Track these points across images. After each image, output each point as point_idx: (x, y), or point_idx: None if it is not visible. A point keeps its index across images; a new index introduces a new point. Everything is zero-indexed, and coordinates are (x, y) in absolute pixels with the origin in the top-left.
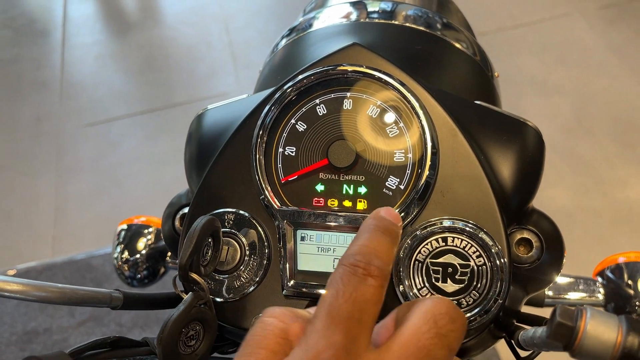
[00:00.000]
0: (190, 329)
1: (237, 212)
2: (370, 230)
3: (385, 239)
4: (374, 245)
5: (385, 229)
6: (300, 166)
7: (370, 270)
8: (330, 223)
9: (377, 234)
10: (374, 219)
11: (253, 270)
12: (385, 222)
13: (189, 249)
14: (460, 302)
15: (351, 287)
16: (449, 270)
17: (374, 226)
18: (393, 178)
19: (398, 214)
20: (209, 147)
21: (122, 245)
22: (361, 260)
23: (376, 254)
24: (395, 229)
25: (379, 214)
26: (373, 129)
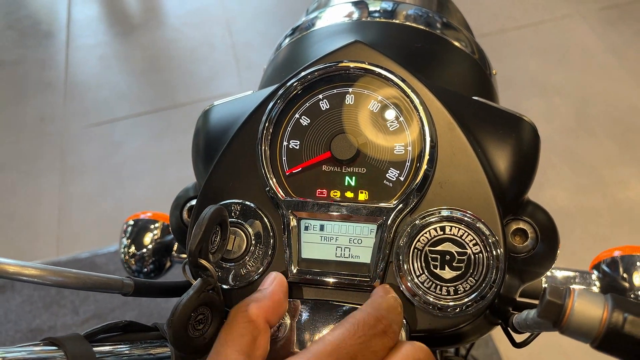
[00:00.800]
0: (199, 313)
1: (243, 203)
2: (392, 298)
3: (401, 312)
4: (396, 310)
5: (399, 305)
6: (304, 159)
7: (389, 329)
8: (333, 213)
9: (396, 303)
10: (394, 294)
11: (259, 259)
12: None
13: (199, 236)
14: (458, 288)
15: (369, 335)
16: (446, 257)
17: (395, 298)
18: (393, 170)
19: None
20: (215, 141)
21: (129, 240)
22: (386, 316)
23: (397, 320)
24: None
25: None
26: (374, 123)
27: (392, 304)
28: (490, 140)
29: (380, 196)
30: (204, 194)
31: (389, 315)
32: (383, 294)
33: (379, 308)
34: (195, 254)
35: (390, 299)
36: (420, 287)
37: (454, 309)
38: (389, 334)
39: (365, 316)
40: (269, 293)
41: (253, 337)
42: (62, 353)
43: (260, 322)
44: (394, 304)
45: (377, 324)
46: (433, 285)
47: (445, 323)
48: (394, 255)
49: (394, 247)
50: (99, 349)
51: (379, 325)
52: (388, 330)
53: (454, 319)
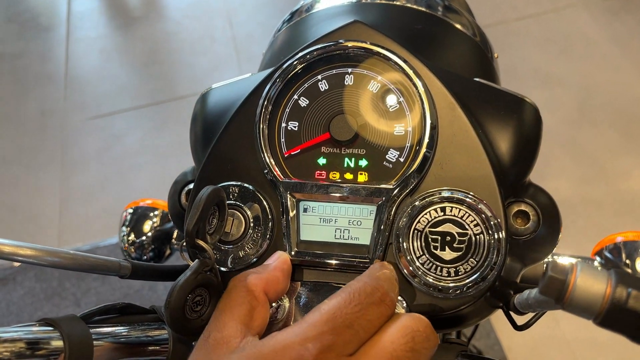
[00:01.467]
0: (197, 294)
1: (241, 185)
2: (388, 270)
3: (396, 284)
4: (392, 281)
5: (395, 278)
6: (303, 140)
7: (387, 297)
8: (332, 194)
9: (393, 275)
10: (389, 269)
11: (257, 241)
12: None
13: (196, 215)
14: (458, 269)
15: (365, 304)
16: (447, 238)
17: (391, 270)
18: (393, 151)
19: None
20: (213, 124)
21: (129, 228)
22: (383, 286)
23: (393, 289)
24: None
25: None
26: (374, 104)
27: (388, 275)
28: (491, 122)
29: (380, 177)
30: (202, 176)
31: (385, 285)
32: (379, 267)
33: (376, 278)
34: (193, 234)
35: (387, 271)
36: (420, 268)
37: (455, 291)
38: (387, 303)
39: (362, 285)
40: (271, 267)
41: (251, 306)
42: (58, 334)
43: (258, 293)
44: (390, 275)
45: (374, 292)
46: (433, 267)
47: (446, 304)
48: (393, 237)
49: (393, 228)
50: (96, 330)
51: (376, 294)
52: (385, 299)
53: (454, 300)
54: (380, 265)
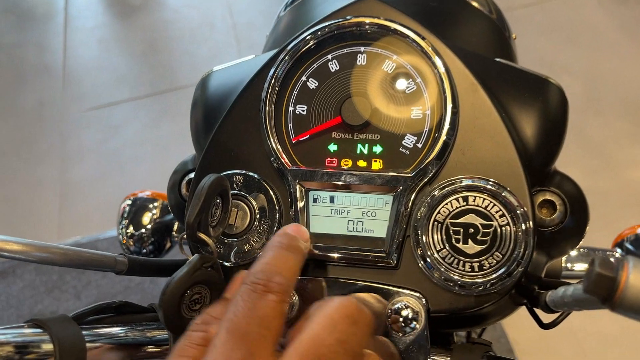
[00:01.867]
0: (195, 292)
1: (246, 174)
2: (274, 248)
3: (289, 255)
4: (276, 262)
5: (289, 246)
6: (312, 125)
7: (270, 287)
8: (344, 183)
9: (280, 251)
10: (279, 237)
11: (263, 234)
12: (289, 238)
13: (198, 206)
14: (483, 263)
15: (250, 304)
16: (470, 230)
17: (278, 243)
18: (410, 136)
19: (305, 230)
20: (215, 109)
21: (127, 220)
22: (262, 277)
23: (277, 271)
24: (300, 245)
25: (285, 230)
26: (389, 86)
27: (273, 255)
28: (515, 104)
29: (396, 165)
30: (203, 165)
31: (268, 269)
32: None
33: (260, 264)
34: (194, 227)
35: (272, 252)
36: (441, 263)
37: (478, 287)
38: (274, 290)
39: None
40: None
41: None
42: (47, 336)
43: None
44: (276, 254)
45: (255, 284)
46: (455, 261)
47: (468, 302)
48: (411, 229)
49: (411, 219)
50: (89, 332)
51: (257, 286)
52: (271, 288)
53: (478, 297)
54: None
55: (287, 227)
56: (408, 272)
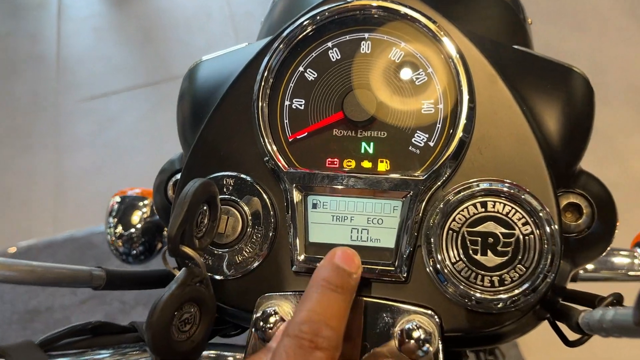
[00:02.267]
0: (185, 311)
1: (237, 176)
2: (320, 289)
3: (338, 297)
4: (324, 309)
5: (338, 285)
6: (311, 121)
7: (318, 343)
8: (347, 187)
9: (327, 294)
10: (325, 271)
11: (257, 244)
12: (338, 275)
13: (180, 216)
14: (504, 278)
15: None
16: (489, 240)
17: (325, 282)
18: (421, 134)
19: (355, 256)
20: (204, 103)
21: (116, 219)
22: (308, 331)
23: (325, 321)
24: (351, 281)
25: (332, 260)
26: (396, 76)
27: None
28: (537, 96)
29: (405, 166)
30: (190, 165)
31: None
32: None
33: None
34: (177, 240)
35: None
36: (456, 276)
37: (498, 304)
38: (322, 347)
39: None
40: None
41: None
42: None
43: None
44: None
45: (300, 337)
46: (473, 275)
47: (487, 321)
48: (423, 238)
49: (423, 228)
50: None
51: (305, 343)
52: (319, 344)
53: (498, 316)
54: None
55: (334, 255)
56: (419, 287)
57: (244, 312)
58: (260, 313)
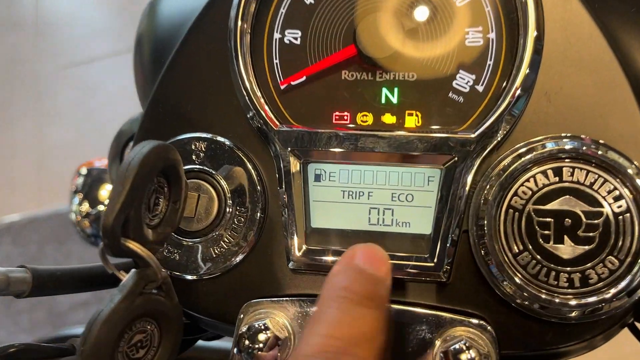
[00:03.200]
0: (137, 331)
1: (211, 138)
2: (340, 302)
3: (366, 314)
4: (348, 331)
5: (364, 296)
6: (310, 60)
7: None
8: (363, 151)
9: (351, 308)
10: (344, 277)
11: (240, 230)
12: (364, 280)
13: (120, 199)
14: (588, 275)
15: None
16: (566, 222)
17: (346, 292)
18: (465, 74)
19: (385, 256)
20: (167, 43)
21: (81, 195)
22: (334, 350)
23: (351, 350)
24: (382, 289)
25: (354, 262)
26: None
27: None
28: (625, 22)
29: (444, 120)
30: (146, 126)
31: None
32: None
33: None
34: (115, 232)
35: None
36: (519, 273)
37: (580, 311)
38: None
39: None
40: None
41: None
42: None
43: None
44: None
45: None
46: (543, 271)
47: (561, 335)
48: (471, 221)
49: (471, 206)
50: None
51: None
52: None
53: (576, 327)
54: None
55: (354, 255)
56: (466, 288)
57: (225, 324)
58: (245, 328)
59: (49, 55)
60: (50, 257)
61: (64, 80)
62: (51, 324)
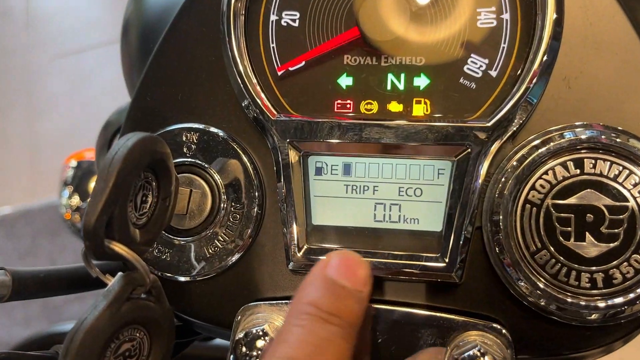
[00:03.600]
0: (124, 339)
1: (203, 129)
2: (303, 319)
3: (333, 333)
4: (310, 351)
5: (332, 312)
6: (310, 44)
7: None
8: (368, 141)
9: (315, 327)
10: (312, 289)
11: (236, 228)
12: (332, 294)
13: (103, 197)
14: (612, 274)
15: None
16: (588, 218)
17: (312, 308)
18: (477, 58)
19: (362, 264)
20: (156, 28)
21: (71, 188)
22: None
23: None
24: (353, 304)
25: (324, 272)
26: None
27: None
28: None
29: (455, 108)
30: (133, 116)
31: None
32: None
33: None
34: (98, 234)
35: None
36: (537, 273)
37: (602, 314)
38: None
39: None
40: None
41: None
42: None
43: None
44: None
45: None
46: (564, 271)
47: (582, 339)
48: (485, 216)
49: (485, 200)
50: None
51: None
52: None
53: (598, 331)
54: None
55: (327, 263)
56: (479, 289)
57: (221, 329)
58: (242, 334)
59: (40, 44)
60: (44, 250)
61: (55, 71)
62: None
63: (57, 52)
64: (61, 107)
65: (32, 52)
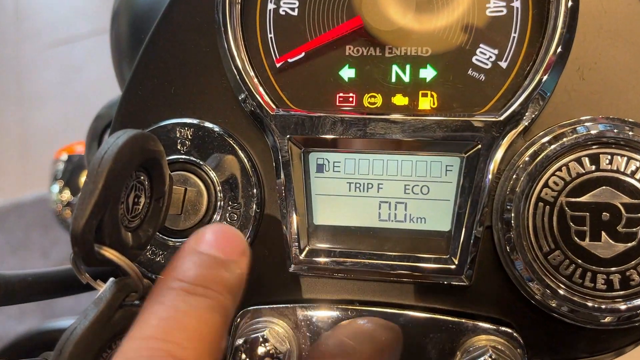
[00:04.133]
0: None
1: (199, 124)
2: (168, 295)
3: (199, 306)
4: (170, 330)
5: (199, 284)
6: (310, 34)
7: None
8: (372, 137)
9: (179, 301)
10: (181, 263)
11: (234, 225)
12: (202, 266)
13: (92, 199)
14: (629, 275)
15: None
16: (603, 216)
17: (176, 281)
18: (486, 49)
19: (237, 236)
20: (147, 16)
21: (62, 183)
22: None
23: (179, 341)
24: (226, 275)
25: (194, 246)
26: None
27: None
28: None
29: (463, 101)
30: (124, 111)
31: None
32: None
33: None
34: (87, 238)
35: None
36: (550, 274)
37: (618, 317)
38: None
39: None
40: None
41: None
42: None
43: None
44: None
45: None
46: (578, 272)
47: (597, 342)
48: (495, 215)
49: (495, 198)
50: None
51: None
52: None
53: (614, 334)
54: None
55: (201, 236)
56: (490, 291)
57: None
58: (242, 340)
59: (29, 35)
60: (36, 243)
61: (46, 61)
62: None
63: (48, 42)
64: (53, 98)
65: (22, 43)
